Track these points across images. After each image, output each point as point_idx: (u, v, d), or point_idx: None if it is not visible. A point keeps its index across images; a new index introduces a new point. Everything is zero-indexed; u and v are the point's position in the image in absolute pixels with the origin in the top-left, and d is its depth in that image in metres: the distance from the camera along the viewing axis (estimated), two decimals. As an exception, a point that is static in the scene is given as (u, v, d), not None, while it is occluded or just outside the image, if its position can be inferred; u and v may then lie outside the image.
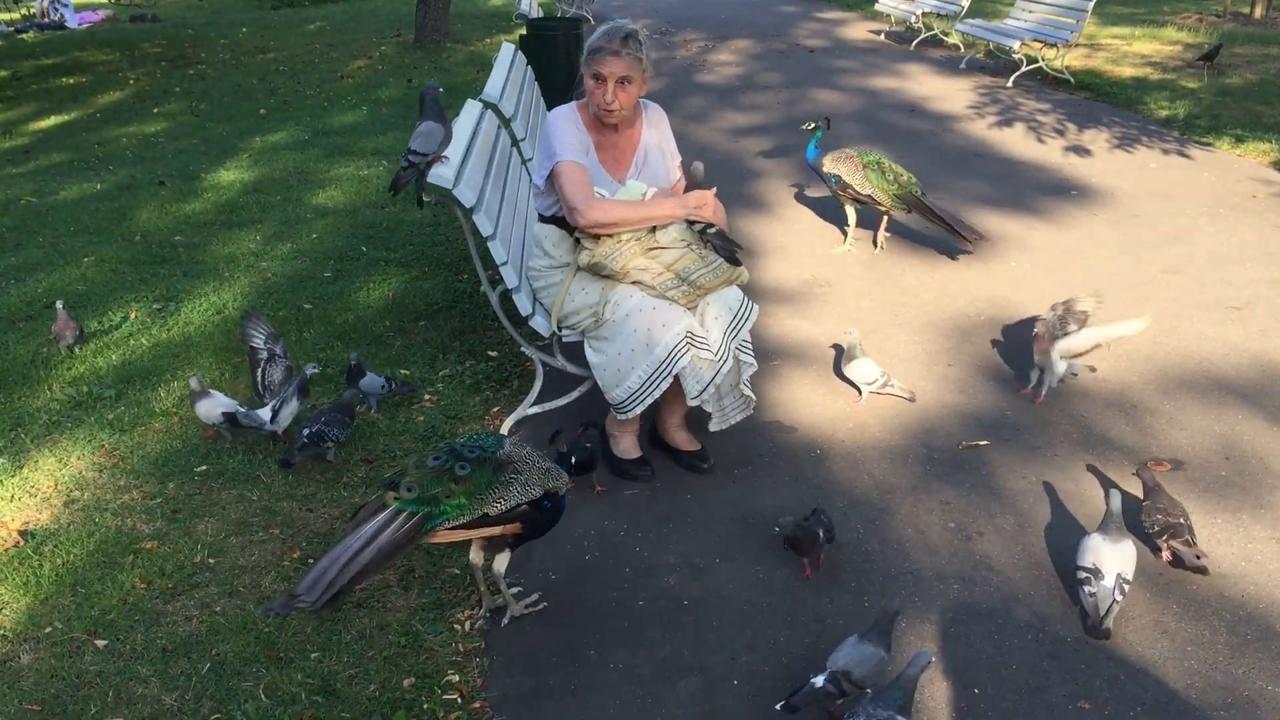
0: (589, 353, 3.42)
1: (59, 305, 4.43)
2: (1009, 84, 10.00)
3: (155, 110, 10.04)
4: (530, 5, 14.11)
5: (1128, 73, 10.21)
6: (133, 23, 18.28)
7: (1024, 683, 2.57)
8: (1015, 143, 7.82)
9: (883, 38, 13.37)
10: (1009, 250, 5.54)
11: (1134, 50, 11.45)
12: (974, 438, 3.70)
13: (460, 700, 2.57)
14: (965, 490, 3.40)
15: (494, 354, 4.43)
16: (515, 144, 4.85)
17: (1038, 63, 10.13)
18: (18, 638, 2.81)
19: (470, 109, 4.06)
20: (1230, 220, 5.90)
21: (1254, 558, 3.02)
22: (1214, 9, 14.33)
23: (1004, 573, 2.99)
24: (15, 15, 19.12)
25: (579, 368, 3.72)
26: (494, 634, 2.80)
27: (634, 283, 3.29)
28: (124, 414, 3.95)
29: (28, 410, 4.04)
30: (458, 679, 2.64)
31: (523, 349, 3.78)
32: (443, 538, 2.49)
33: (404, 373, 4.23)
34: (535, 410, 3.85)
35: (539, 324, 3.56)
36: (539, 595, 2.93)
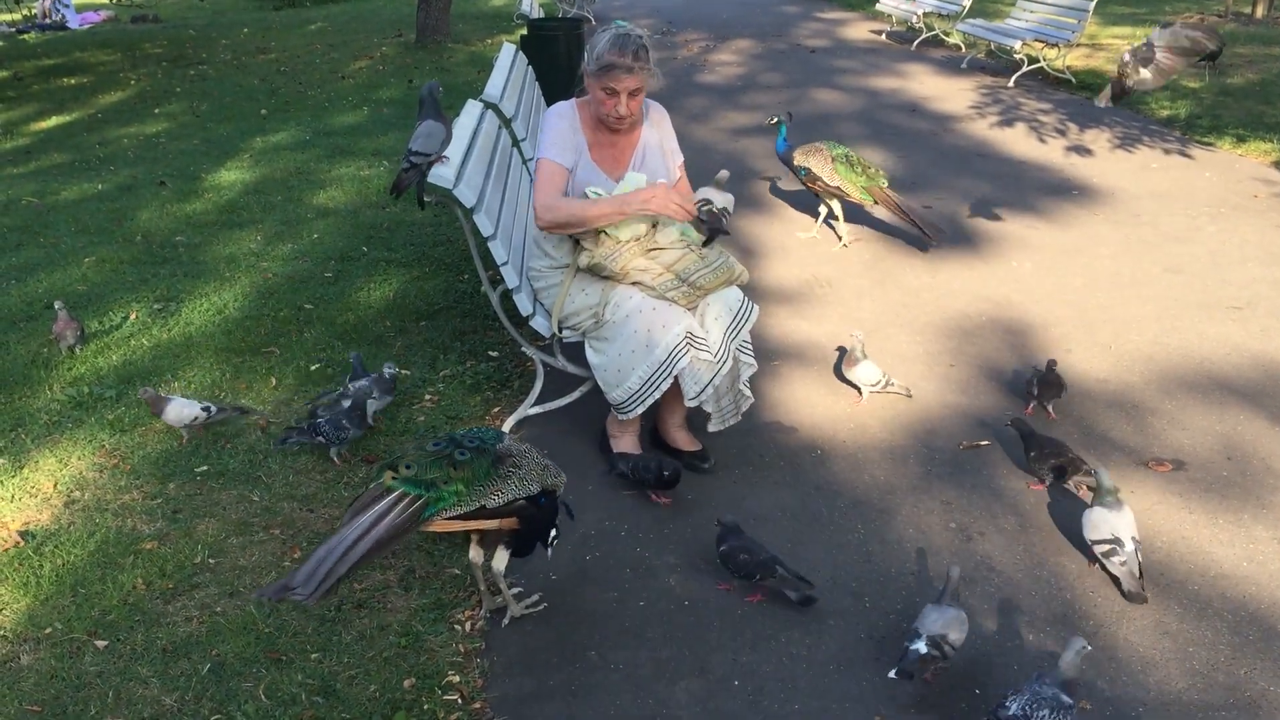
0: (589, 353, 3.42)
1: (59, 306, 4.43)
2: (1010, 84, 9.99)
3: (156, 111, 10.04)
4: (531, 5, 14.11)
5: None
6: (134, 23, 18.28)
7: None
8: (1016, 142, 7.81)
9: (884, 38, 13.37)
10: (1010, 250, 5.53)
11: (1135, 50, 11.43)
12: (975, 438, 3.69)
13: (461, 701, 2.57)
14: (966, 490, 3.40)
15: (495, 354, 4.42)
16: (516, 144, 4.85)
17: (1039, 63, 10.12)
18: (18, 638, 2.81)
19: (471, 109, 4.06)
20: (1232, 220, 5.89)
21: (1256, 558, 3.02)
22: (1215, 9, 14.32)
23: (1005, 573, 2.98)
24: (17, 16, 19.13)
25: (580, 368, 3.71)
26: (494, 634, 2.80)
27: (634, 283, 3.29)
28: (124, 414, 3.95)
29: (28, 410, 4.04)
30: (458, 679, 2.63)
31: (523, 349, 3.78)
32: (440, 527, 2.48)
33: (405, 372, 4.23)
34: (536, 410, 3.85)
35: (540, 324, 3.56)
36: (539, 596, 2.92)
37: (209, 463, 3.64)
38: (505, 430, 3.75)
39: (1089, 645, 2.31)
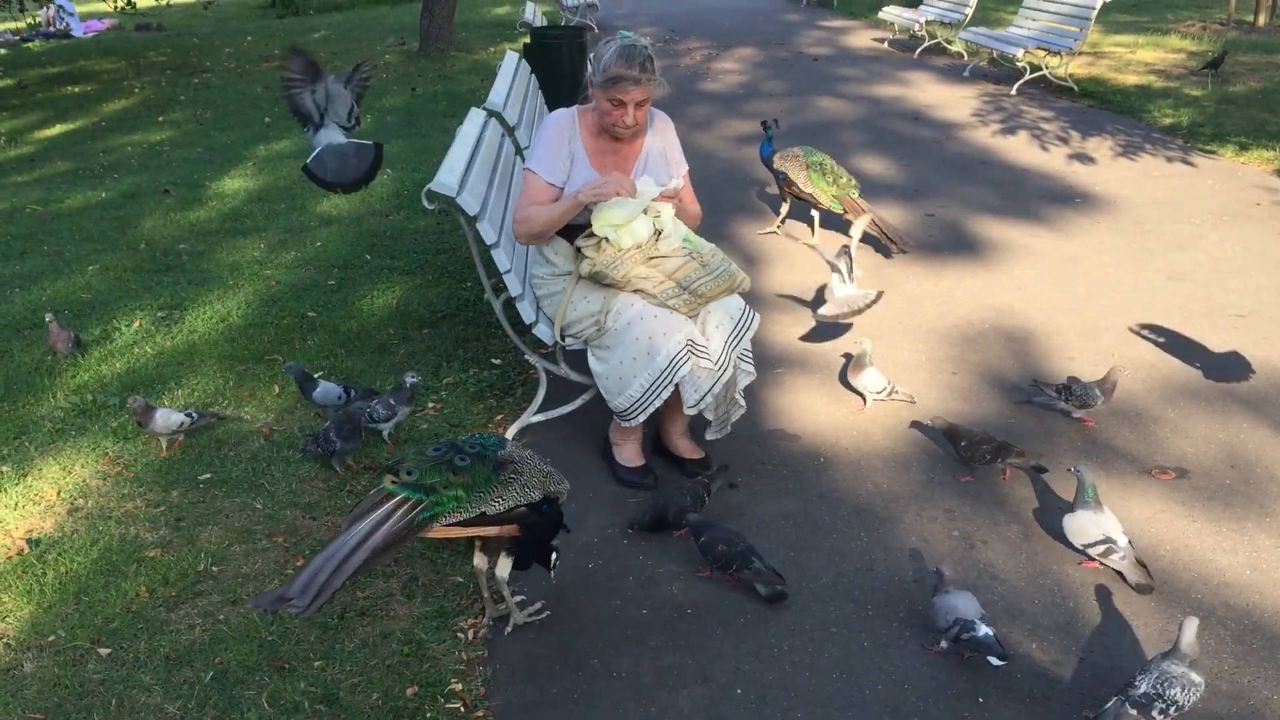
0: (592, 361, 3.42)
1: (49, 318, 4.47)
2: (1012, 92, 10.01)
3: (160, 119, 10.08)
4: (534, 14, 14.15)
5: (1131, 80, 10.21)
6: (138, 31, 18.37)
7: (1029, 692, 2.56)
8: (1019, 150, 7.82)
9: (886, 46, 13.39)
10: (1013, 258, 5.54)
11: (1137, 58, 11.46)
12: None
13: (463, 709, 2.57)
14: (969, 498, 3.40)
15: (497, 362, 4.43)
16: (519, 152, 4.86)
17: (1041, 70, 10.14)
18: (21, 646, 2.81)
19: (474, 117, 4.07)
20: (1234, 228, 5.89)
21: (1260, 566, 3.01)
22: (1217, 17, 14.34)
23: (1008, 581, 2.98)
24: (21, 24, 19.21)
25: (582, 376, 3.72)
26: (497, 642, 2.80)
27: (635, 291, 3.29)
28: (128, 422, 3.96)
29: (32, 418, 4.05)
30: (461, 688, 2.63)
31: (526, 357, 3.78)
32: (439, 533, 2.49)
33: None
34: (539, 418, 3.86)
35: (543, 332, 3.57)
36: (542, 604, 2.92)
37: (212, 470, 3.64)
38: (508, 438, 3.75)
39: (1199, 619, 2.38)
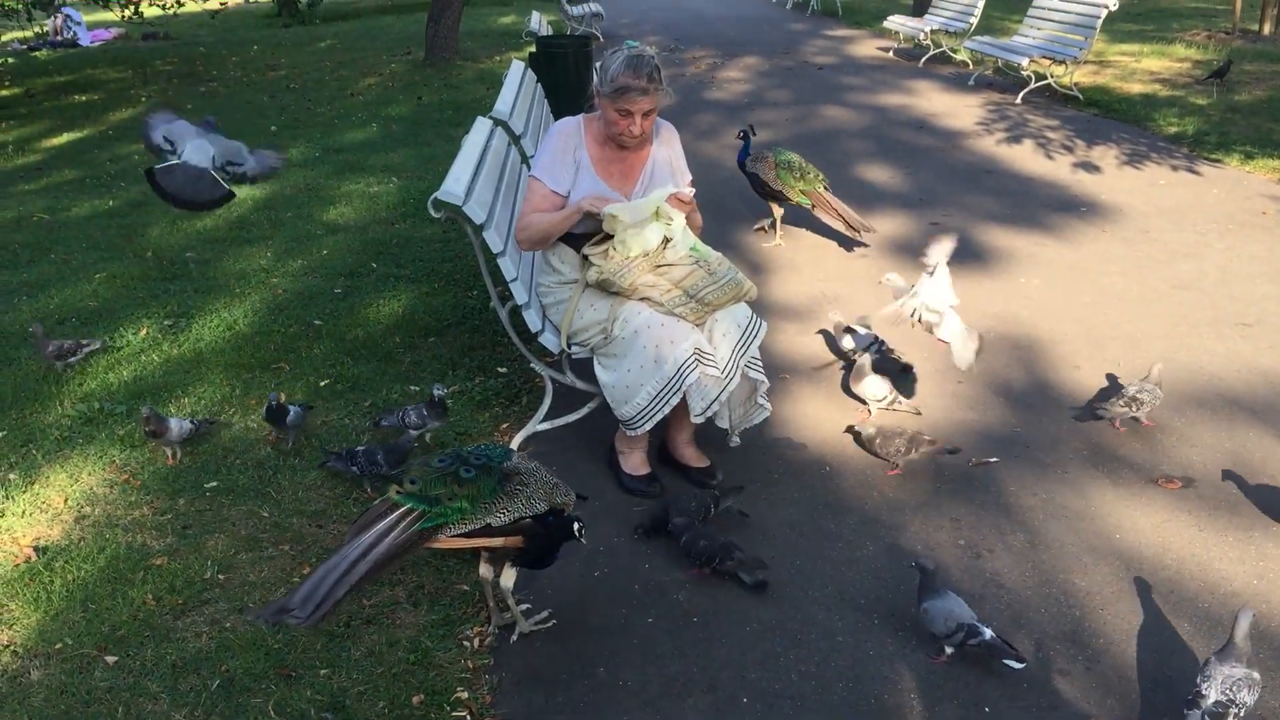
0: (598, 369, 3.43)
1: (33, 328, 4.48)
2: (1017, 100, 10.01)
3: (167, 127, 10.10)
4: (540, 23, 14.19)
5: (1136, 89, 10.21)
6: (145, 40, 18.44)
7: (1035, 701, 2.56)
8: (1024, 159, 7.82)
9: (891, 55, 13.41)
10: (1018, 266, 5.54)
11: (1143, 67, 11.46)
12: (984, 454, 3.69)
13: (469, 717, 2.57)
14: (975, 507, 3.39)
15: (503, 370, 4.43)
16: (525, 161, 4.87)
17: (1046, 79, 10.14)
18: (28, 653, 2.82)
19: (480, 126, 4.08)
20: (1240, 236, 5.89)
21: (1266, 575, 3.00)
22: (1223, 26, 14.34)
23: (1014, 590, 2.97)
24: (28, 33, 19.31)
25: (588, 384, 3.72)
26: (503, 651, 2.80)
27: (642, 299, 3.30)
28: (135, 430, 3.97)
29: (39, 426, 4.06)
30: (466, 696, 2.63)
31: (532, 365, 3.79)
32: (444, 544, 2.49)
33: (414, 388, 4.24)
34: (545, 426, 3.86)
35: (549, 340, 3.57)
36: (548, 612, 2.92)
37: (218, 478, 3.65)
38: (514, 446, 3.75)
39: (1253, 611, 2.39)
